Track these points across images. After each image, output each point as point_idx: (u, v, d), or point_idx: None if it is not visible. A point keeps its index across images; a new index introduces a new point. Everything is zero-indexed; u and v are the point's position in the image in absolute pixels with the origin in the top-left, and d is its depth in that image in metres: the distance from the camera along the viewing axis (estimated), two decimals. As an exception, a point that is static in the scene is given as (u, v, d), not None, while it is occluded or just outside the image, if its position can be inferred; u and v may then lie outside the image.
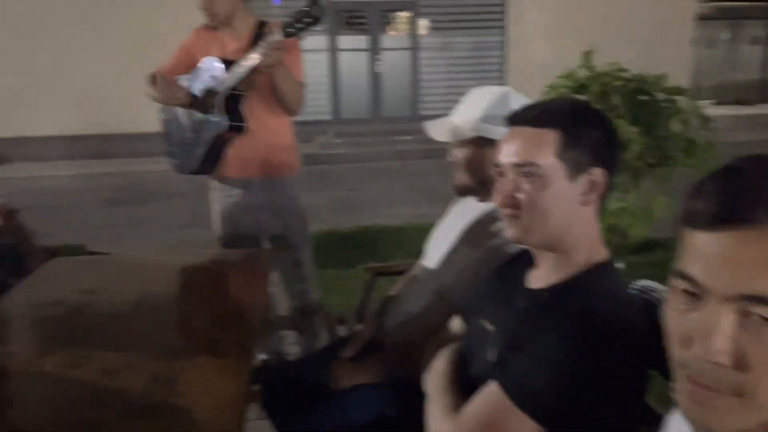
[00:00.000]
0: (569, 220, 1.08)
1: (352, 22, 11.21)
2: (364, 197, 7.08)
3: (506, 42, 11.14)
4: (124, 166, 9.46)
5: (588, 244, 1.10)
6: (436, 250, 1.69)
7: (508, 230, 1.13)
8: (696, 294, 0.60)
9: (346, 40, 10.86)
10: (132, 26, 9.90)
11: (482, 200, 1.61)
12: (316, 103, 10.32)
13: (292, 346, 3.01)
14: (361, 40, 10.90)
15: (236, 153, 2.44)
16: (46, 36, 9.83)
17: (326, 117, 10.67)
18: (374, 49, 10.90)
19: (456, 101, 1.64)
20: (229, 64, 2.29)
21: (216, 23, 2.41)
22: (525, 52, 11.03)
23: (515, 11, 10.94)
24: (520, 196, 1.09)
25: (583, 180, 1.07)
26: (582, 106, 1.16)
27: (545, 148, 1.07)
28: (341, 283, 3.96)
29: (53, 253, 2.73)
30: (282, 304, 2.96)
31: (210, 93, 2.34)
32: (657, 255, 3.99)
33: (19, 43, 9.79)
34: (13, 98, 9.87)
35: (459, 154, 1.60)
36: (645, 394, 1.04)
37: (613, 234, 2.77)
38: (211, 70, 2.33)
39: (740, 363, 0.56)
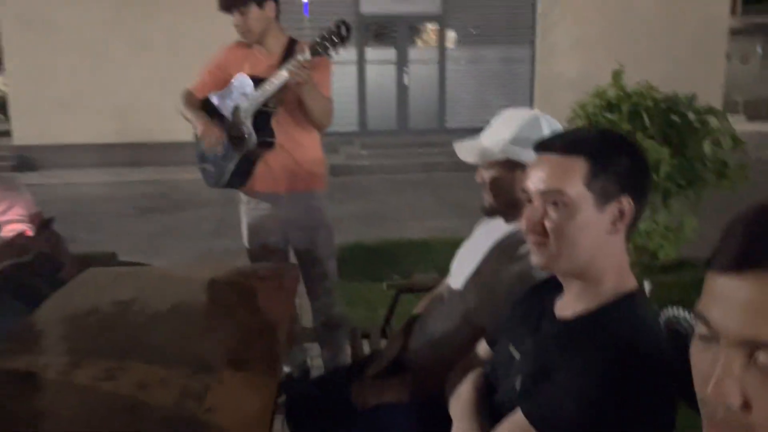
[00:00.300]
0: (597, 249, 1.08)
1: (381, 34, 11.30)
2: (390, 209, 7.10)
3: (535, 55, 11.11)
4: (156, 175, 9.65)
5: (616, 273, 1.10)
6: (461, 271, 1.69)
7: (534, 257, 1.13)
8: (711, 336, 0.61)
9: (373, 53, 10.94)
10: (167, 39, 10.12)
11: (509, 221, 1.62)
12: (343, 115, 10.39)
13: (315, 359, 3.04)
14: (388, 53, 10.97)
15: (265, 168, 2.48)
16: (86, 48, 10.10)
17: (353, 128, 10.75)
18: (402, 62, 10.96)
19: (483, 114, 1.66)
20: (259, 81, 2.33)
21: (249, 40, 2.46)
22: (554, 66, 10.99)
23: (545, 24, 10.92)
24: (547, 223, 1.09)
25: (612, 209, 1.07)
26: (611, 135, 1.16)
27: (573, 177, 1.07)
28: (366, 297, 3.98)
29: (86, 262, 2.80)
30: (307, 316, 2.99)
31: (240, 110, 2.38)
32: (688, 275, 3.93)
33: (60, 55, 10.07)
34: (52, 107, 10.14)
35: (487, 175, 1.60)
36: (673, 426, 1.03)
37: (641, 254, 2.74)
38: (241, 88, 2.38)
39: (749, 406, 0.57)
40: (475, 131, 1.63)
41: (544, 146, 1.14)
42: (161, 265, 4.80)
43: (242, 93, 2.38)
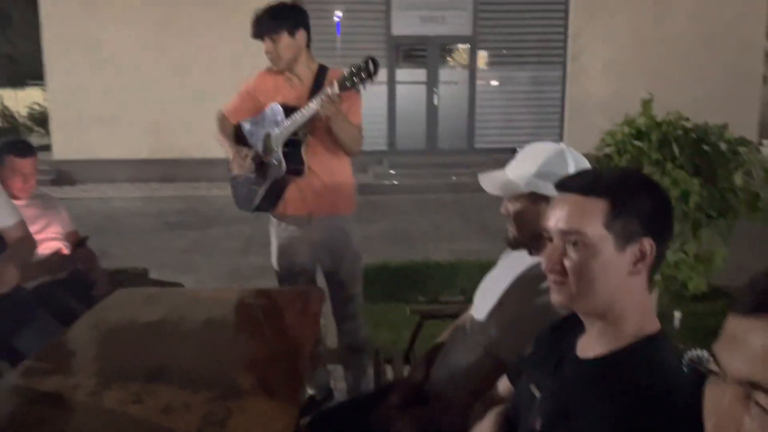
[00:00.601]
0: (617, 290, 1.07)
1: (411, 55, 11.39)
2: (417, 230, 7.11)
3: (566, 77, 11.07)
4: (188, 191, 9.82)
5: (638, 315, 1.09)
6: (484, 302, 1.70)
7: (553, 295, 1.14)
8: (720, 375, 0.64)
9: (403, 73, 11.03)
10: (202, 60, 10.36)
11: (534, 254, 1.62)
12: (372, 134, 10.47)
13: (339, 381, 3.05)
14: (419, 73, 11.05)
15: (296, 191, 2.53)
16: (124, 67, 10.39)
17: (382, 147, 10.81)
18: (432, 82, 11.02)
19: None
20: (290, 110, 2.38)
21: (279, 67, 2.51)
22: (585, 88, 10.93)
23: (576, 46, 10.88)
24: (567, 263, 1.09)
25: (632, 250, 1.06)
26: (632, 175, 1.16)
27: (593, 218, 1.07)
28: (391, 319, 3.98)
29: (118, 279, 2.87)
30: (333, 337, 3.01)
31: (271, 138, 2.44)
32: (720, 304, 3.85)
33: (99, 73, 10.38)
34: (90, 123, 10.44)
35: (512, 207, 1.61)
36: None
37: (670, 285, 2.70)
38: (273, 116, 2.43)
39: None
40: (504, 152, 1.66)
41: (564, 185, 1.15)
42: (190, 282, 4.89)
43: (273, 121, 2.43)
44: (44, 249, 2.64)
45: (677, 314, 3.57)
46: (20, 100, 18.88)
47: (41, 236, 2.63)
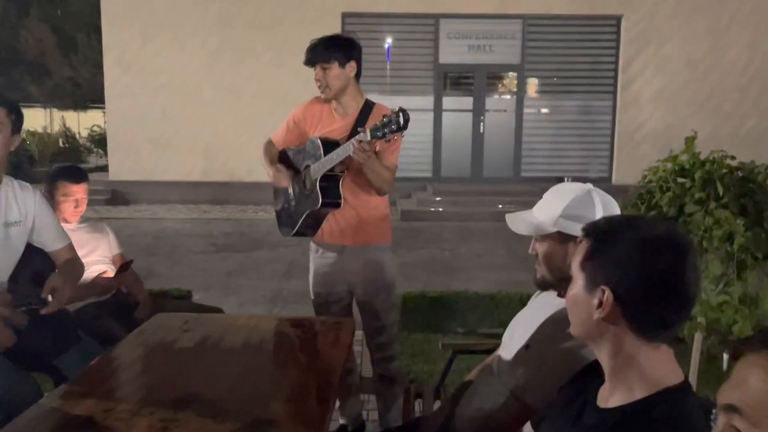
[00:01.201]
0: (594, 332, 1.12)
1: (458, 83, 11.44)
2: (459, 258, 7.07)
3: (616, 106, 10.91)
4: (236, 213, 10.05)
5: (648, 366, 1.08)
6: (513, 342, 1.68)
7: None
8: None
9: (450, 101, 11.08)
10: (253, 86, 10.67)
11: (562, 295, 1.60)
12: (417, 161, 10.55)
13: (372, 412, 3.04)
14: (465, 101, 11.08)
15: (333, 220, 2.58)
16: (178, 92, 10.79)
17: (426, 174, 10.85)
18: (478, 110, 11.03)
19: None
20: (330, 144, 2.43)
21: (327, 96, 2.57)
22: (635, 119, 10.75)
23: (627, 75, 10.74)
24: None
25: (597, 296, 1.09)
26: (622, 223, 1.16)
27: (578, 255, 1.16)
28: (427, 349, 3.95)
29: (161, 304, 2.96)
30: (368, 366, 3.02)
31: (310, 170, 2.49)
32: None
33: (155, 97, 10.80)
34: (144, 146, 10.84)
35: (539, 248, 1.60)
36: None
37: (714, 328, 2.61)
38: (313, 150, 2.49)
39: None
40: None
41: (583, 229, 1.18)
42: (232, 304, 4.98)
43: (313, 155, 2.49)
44: (91, 272, 2.74)
45: (726, 356, 3.43)
46: (82, 122, 19.80)
47: (89, 259, 2.73)
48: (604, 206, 1.52)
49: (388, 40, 10.78)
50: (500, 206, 9.73)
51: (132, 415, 1.51)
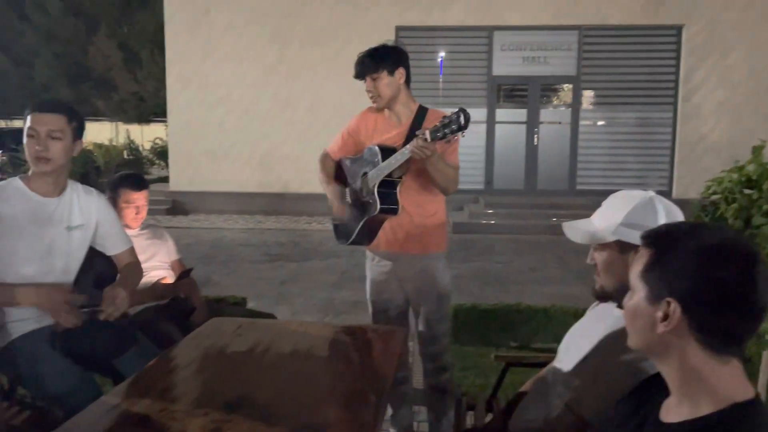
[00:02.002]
0: (657, 345, 1.06)
1: (512, 95, 11.33)
2: (512, 271, 6.96)
3: (677, 118, 10.58)
4: (290, 224, 10.21)
5: (716, 380, 1.02)
6: (569, 355, 1.63)
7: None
8: None
9: (503, 113, 10.98)
10: (308, 98, 10.85)
11: (622, 307, 1.55)
12: (470, 173, 10.47)
13: (422, 423, 3.01)
14: (519, 113, 10.96)
15: (389, 229, 2.58)
16: (235, 105, 11.09)
17: (479, 186, 10.76)
18: (532, 122, 10.89)
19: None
20: (387, 151, 2.44)
21: (379, 106, 2.59)
22: (697, 131, 10.40)
23: (688, 86, 10.41)
24: None
25: (662, 308, 1.04)
26: (686, 230, 1.08)
27: (636, 265, 1.11)
28: (480, 363, 3.89)
29: (217, 309, 3.01)
30: (418, 377, 2.99)
31: (368, 177, 2.51)
32: None
33: (213, 110, 11.13)
34: (203, 157, 11.16)
35: (598, 257, 1.56)
36: None
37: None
38: (370, 157, 2.50)
39: None
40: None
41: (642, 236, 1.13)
42: (285, 313, 5.04)
43: (371, 162, 2.50)
44: (150, 277, 2.82)
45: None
46: (145, 135, 20.58)
47: (148, 264, 2.82)
48: (668, 214, 1.46)
49: (441, 53, 10.79)
50: (554, 219, 9.56)
51: (186, 415, 1.54)
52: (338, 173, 2.75)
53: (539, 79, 10.79)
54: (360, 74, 2.57)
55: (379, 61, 2.52)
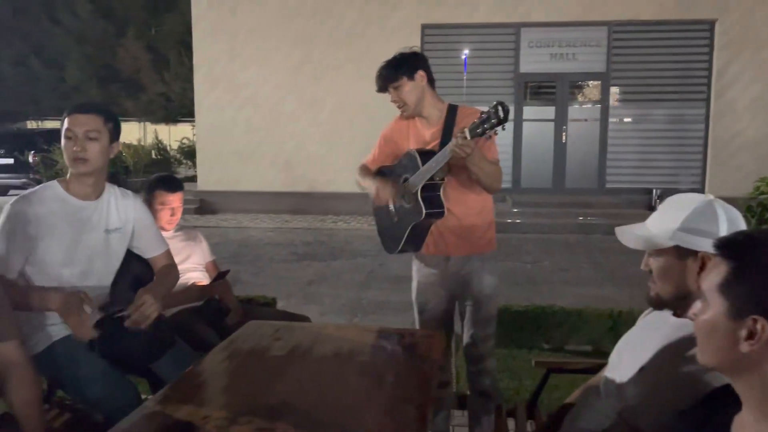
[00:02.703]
0: (739, 363, 0.99)
1: (539, 92, 11.20)
2: (542, 272, 6.86)
3: (709, 115, 10.35)
4: (316, 223, 10.22)
5: None
6: (622, 364, 1.57)
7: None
8: None
9: (531, 111, 10.85)
10: (334, 99, 10.85)
11: (679, 315, 1.49)
12: (497, 172, 10.35)
13: (458, 428, 2.96)
14: (546, 111, 10.82)
15: (437, 232, 2.53)
16: (262, 105, 11.14)
17: (506, 185, 10.64)
18: (560, 120, 10.74)
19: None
20: (425, 154, 2.39)
21: (408, 113, 2.55)
22: (731, 127, 10.16)
23: (722, 83, 10.18)
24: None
25: (746, 325, 0.97)
26: (765, 239, 1.02)
27: (713, 277, 1.03)
28: (512, 365, 3.83)
29: (248, 310, 3.00)
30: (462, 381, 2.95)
31: (409, 183, 2.46)
32: None
33: (240, 111, 11.19)
34: (230, 157, 11.23)
35: (654, 263, 1.50)
36: None
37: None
38: (409, 162, 2.46)
39: None
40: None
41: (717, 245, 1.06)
42: (314, 313, 5.02)
43: (411, 167, 2.45)
44: (185, 279, 2.82)
45: None
46: (173, 135, 20.81)
47: (183, 266, 2.81)
48: (729, 219, 1.40)
49: (466, 51, 10.70)
50: (581, 218, 9.42)
51: (229, 423, 1.51)
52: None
53: (567, 76, 10.64)
54: (382, 87, 2.54)
55: (396, 69, 2.49)
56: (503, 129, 2.18)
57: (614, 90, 10.76)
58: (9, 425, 1.81)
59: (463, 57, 10.64)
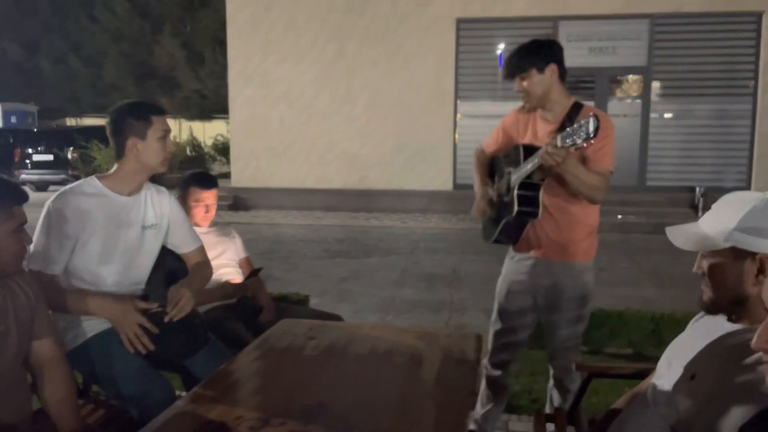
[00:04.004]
0: None
1: (577, 87, 10.97)
2: (579, 271, 6.71)
3: (756, 110, 10.00)
4: (348, 220, 10.20)
5: None
6: (672, 371, 1.49)
7: None
8: None
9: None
10: (367, 95, 10.82)
11: (735, 321, 1.40)
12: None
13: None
14: (585, 106, 10.60)
15: (533, 232, 2.44)
16: (295, 102, 11.18)
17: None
18: (600, 115, 10.50)
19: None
20: (531, 150, 2.28)
21: (529, 105, 2.43)
22: (779, 123, 9.81)
23: (768, 77, 9.83)
24: None
25: None
26: None
27: None
28: (548, 367, 3.74)
29: (282, 307, 2.98)
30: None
31: (510, 177, 2.38)
32: None
33: (273, 107, 11.25)
34: (264, 154, 11.30)
35: (708, 265, 1.41)
36: None
37: None
38: (515, 156, 2.37)
39: None
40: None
41: None
42: (347, 311, 4.99)
43: (515, 161, 2.36)
44: (219, 275, 2.81)
45: None
46: (207, 132, 21.09)
47: (216, 262, 2.80)
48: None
49: (501, 46, 10.54)
50: (620, 217, 9.21)
51: (263, 424, 1.48)
52: (491, 170, 2.64)
53: (606, 71, 10.40)
54: (508, 74, 2.41)
55: (527, 58, 2.36)
56: (591, 143, 2.02)
57: (656, 85, 10.48)
58: (44, 422, 1.81)
59: (498, 52, 10.49)
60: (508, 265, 2.59)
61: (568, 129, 2.04)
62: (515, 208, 2.31)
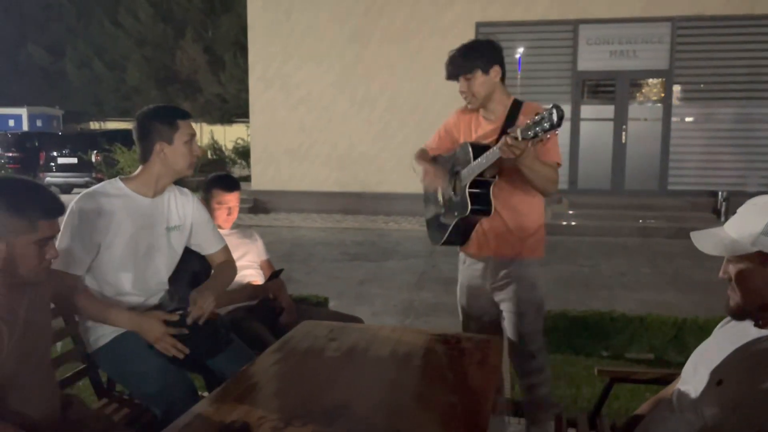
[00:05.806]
0: None
1: (598, 90, 10.89)
2: (600, 276, 6.65)
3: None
4: (367, 223, 10.22)
5: None
6: (697, 377, 1.47)
7: None
8: None
9: (588, 110, 10.56)
10: (385, 98, 10.84)
11: (762, 326, 1.38)
12: (553, 172, 10.13)
13: (515, 435, 2.88)
14: (605, 110, 10.51)
15: (482, 231, 2.47)
16: (314, 105, 11.23)
17: (562, 186, 10.35)
18: (620, 119, 10.41)
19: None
20: (480, 149, 2.32)
21: (473, 106, 2.47)
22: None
23: (794, 79, 9.66)
24: None
25: None
26: None
27: None
28: (570, 372, 3.71)
29: (302, 310, 2.99)
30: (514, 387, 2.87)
31: (460, 176, 2.40)
32: None
33: (293, 111, 11.31)
34: (283, 157, 11.36)
35: (734, 270, 1.40)
36: None
37: None
38: (463, 155, 2.40)
39: None
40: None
41: None
42: (366, 314, 5.00)
43: (464, 160, 2.39)
44: (241, 276, 2.83)
45: None
46: (227, 135, 21.28)
47: (239, 263, 2.81)
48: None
49: (521, 49, 10.50)
50: (641, 221, 9.11)
51: (285, 425, 1.49)
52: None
53: (627, 74, 10.30)
54: (452, 75, 2.44)
55: (471, 59, 2.38)
56: (556, 133, 2.07)
57: (677, 88, 10.36)
58: (74, 407, 1.84)
59: (517, 57, 10.45)
60: (461, 271, 2.61)
61: (527, 122, 2.05)
62: (469, 206, 2.33)
